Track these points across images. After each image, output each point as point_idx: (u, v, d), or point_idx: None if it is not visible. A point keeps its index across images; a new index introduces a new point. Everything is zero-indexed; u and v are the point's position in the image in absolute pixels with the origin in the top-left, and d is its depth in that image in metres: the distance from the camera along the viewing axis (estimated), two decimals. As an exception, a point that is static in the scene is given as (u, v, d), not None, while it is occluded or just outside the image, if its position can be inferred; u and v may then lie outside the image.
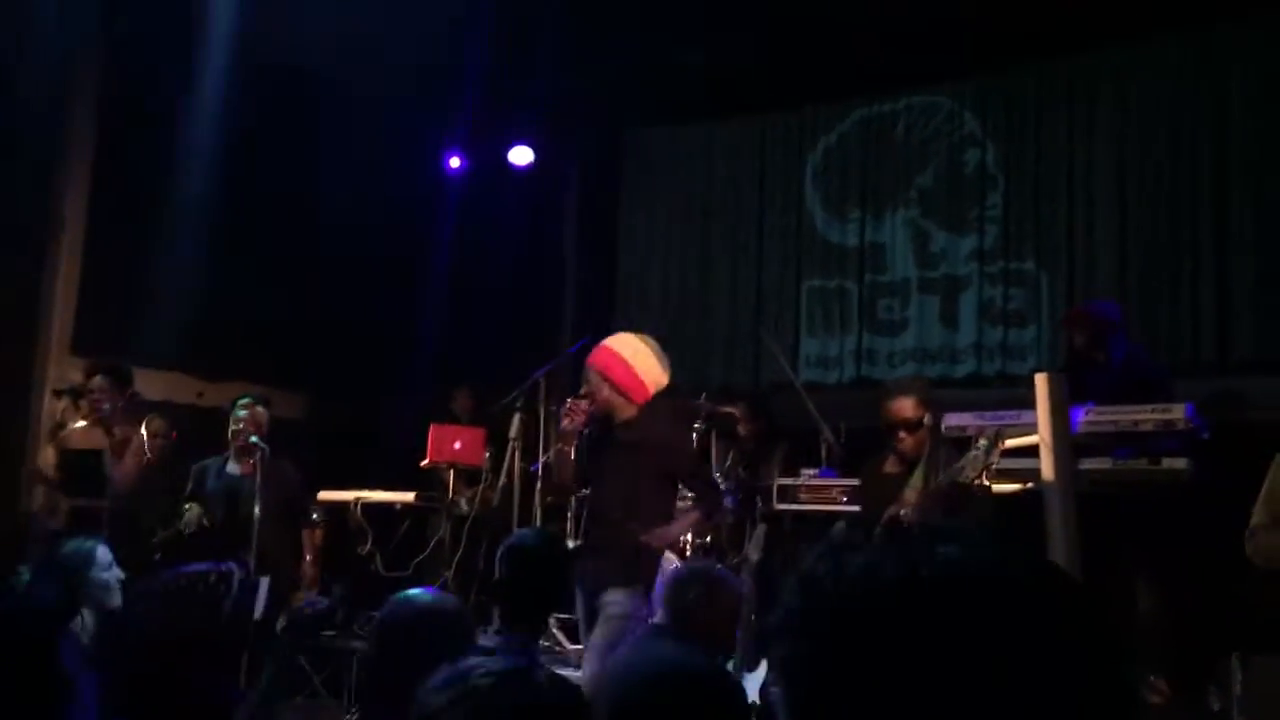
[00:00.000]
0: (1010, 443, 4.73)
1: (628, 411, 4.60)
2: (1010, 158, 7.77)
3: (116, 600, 3.76)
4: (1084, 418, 5.16)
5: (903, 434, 4.54)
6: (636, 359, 4.64)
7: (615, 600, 4.35)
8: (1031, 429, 4.95)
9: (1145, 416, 5.04)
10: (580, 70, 8.35)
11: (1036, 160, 7.65)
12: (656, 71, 8.30)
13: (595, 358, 4.67)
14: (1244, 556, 5.09)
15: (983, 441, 4.16)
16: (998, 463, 4.20)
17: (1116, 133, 7.37)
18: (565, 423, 4.58)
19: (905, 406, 4.55)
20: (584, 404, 4.58)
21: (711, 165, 9.04)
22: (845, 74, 8.12)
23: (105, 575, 3.77)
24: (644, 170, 9.40)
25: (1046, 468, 4.85)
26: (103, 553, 3.83)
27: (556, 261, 9.35)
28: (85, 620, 3.68)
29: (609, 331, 9.08)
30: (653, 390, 4.68)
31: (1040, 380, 5.00)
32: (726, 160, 8.98)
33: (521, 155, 8.86)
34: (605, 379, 4.60)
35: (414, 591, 2.89)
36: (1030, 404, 5.08)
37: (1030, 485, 5.03)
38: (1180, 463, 4.98)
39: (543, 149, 8.93)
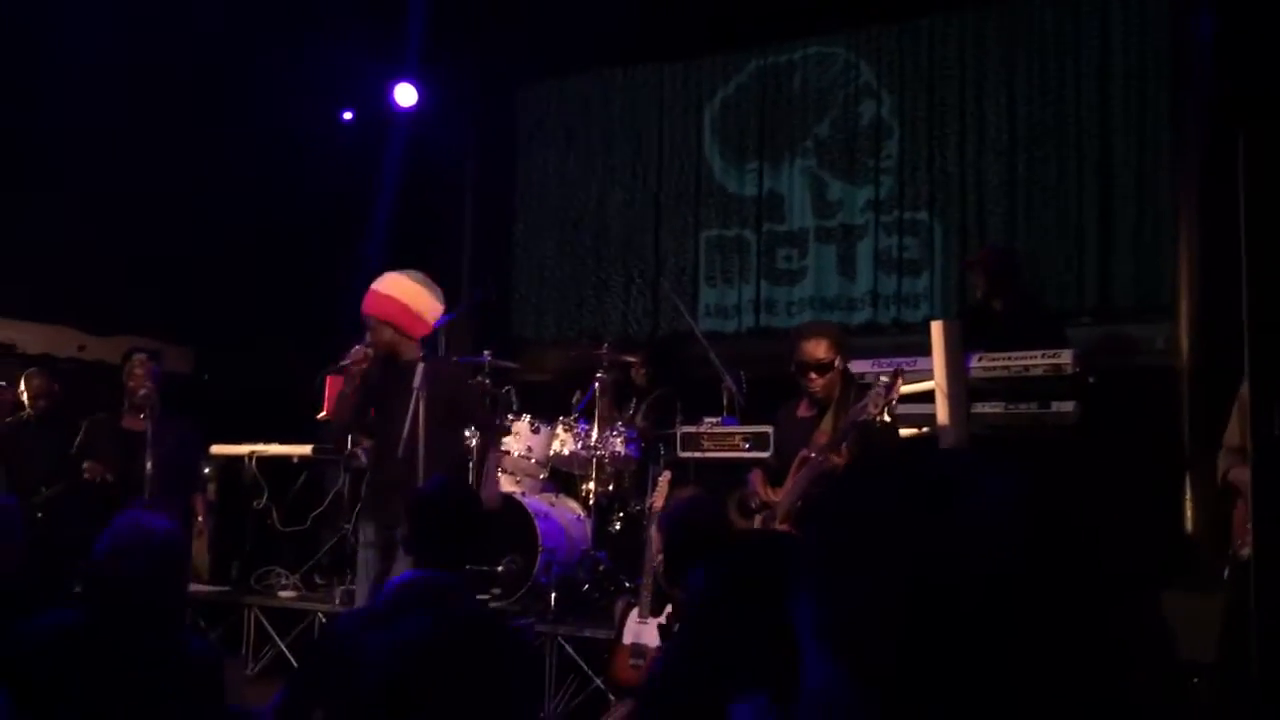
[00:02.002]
0: (907, 388, 4.85)
1: (410, 351, 4.73)
2: (905, 109, 7.87)
3: None
4: (976, 364, 5.30)
5: (813, 375, 4.58)
6: (408, 296, 4.78)
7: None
8: (927, 375, 5.09)
9: (1035, 362, 5.20)
10: (475, 19, 8.20)
11: (930, 111, 7.77)
12: (554, 20, 8.19)
13: (370, 305, 4.79)
14: (1126, 497, 5.32)
15: (883, 379, 4.24)
16: (898, 399, 4.29)
17: (1005, 85, 7.51)
18: (349, 364, 4.72)
19: (818, 348, 4.59)
20: (368, 350, 4.73)
21: (610, 115, 8.98)
22: (742, 24, 8.12)
23: None
24: (541, 120, 9.29)
25: (942, 412, 5.00)
26: None
27: (454, 213, 9.21)
28: None
29: (510, 284, 9.12)
30: (432, 321, 4.84)
31: (936, 327, 5.14)
32: (625, 110, 8.93)
33: (406, 95, 8.65)
34: (384, 323, 4.74)
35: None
36: (925, 350, 5.21)
37: (926, 430, 5.17)
38: (1068, 406, 5.15)
39: (439, 98, 8.75)
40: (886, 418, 4.24)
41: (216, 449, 7.08)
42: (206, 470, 6.83)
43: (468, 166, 9.31)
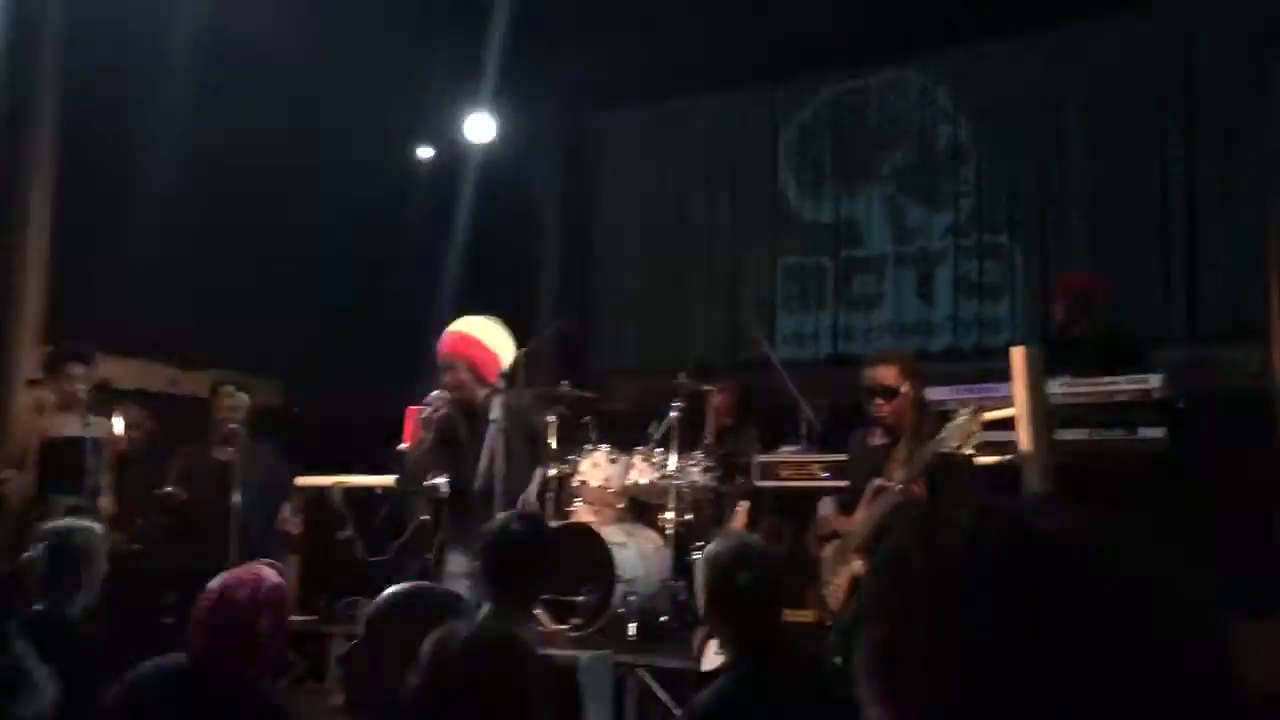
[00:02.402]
0: (988, 415, 4.77)
1: (484, 392, 4.75)
2: (983, 133, 7.79)
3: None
4: (1060, 390, 5.19)
5: (879, 401, 4.52)
6: (483, 336, 4.84)
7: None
8: (1009, 402, 5.00)
9: (1121, 387, 5.08)
10: (549, 53, 8.31)
11: (1008, 135, 7.68)
12: (627, 52, 8.27)
13: (447, 346, 4.85)
14: (1220, 523, 5.17)
15: (964, 412, 4.18)
16: (979, 432, 4.22)
17: (1085, 106, 7.41)
18: (429, 412, 4.75)
19: (885, 374, 4.54)
20: (447, 395, 4.77)
21: (686, 143, 9.02)
22: (817, 52, 8.12)
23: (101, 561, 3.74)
24: (616, 153, 9.37)
25: (1024, 439, 4.90)
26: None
27: (532, 246, 9.31)
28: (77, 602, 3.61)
29: (589, 314, 9.18)
30: (505, 363, 4.88)
31: (1017, 353, 5.03)
32: (701, 138, 8.97)
33: (481, 128, 8.76)
34: (461, 363, 4.79)
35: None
36: (1007, 376, 5.12)
37: (1009, 457, 5.07)
38: (1157, 432, 5.02)
39: (516, 130, 8.86)
40: (968, 451, 4.17)
41: (302, 481, 7.19)
42: (293, 502, 6.95)
43: (545, 197, 9.42)
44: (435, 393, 4.81)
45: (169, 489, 5.95)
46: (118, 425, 6.28)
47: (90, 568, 3.63)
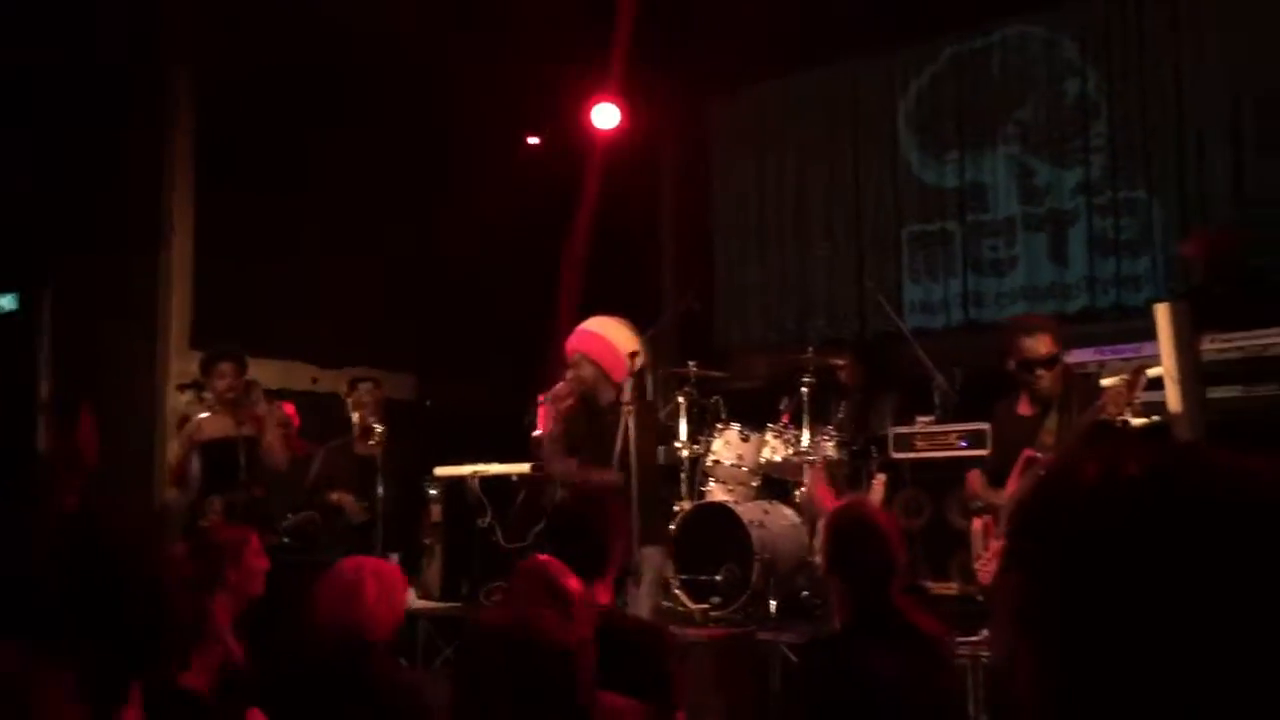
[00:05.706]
0: (1151, 372, 4.61)
1: (608, 395, 4.83)
2: (1113, 83, 7.50)
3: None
4: (1208, 345, 4.98)
5: (1040, 371, 4.43)
6: (613, 335, 4.96)
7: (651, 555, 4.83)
8: (1154, 360, 4.82)
9: (1274, 340, 4.85)
10: (666, 35, 8.29)
11: (1141, 83, 7.38)
12: (743, 30, 8.19)
13: (576, 342, 5.00)
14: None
15: (1124, 376, 4.04)
16: (1140, 397, 4.07)
17: (1225, 47, 7.06)
18: (553, 400, 4.94)
19: (1043, 344, 4.45)
20: (569, 385, 4.92)
21: (803, 118, 8.91)
22: (933, 12, 7.93)
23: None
24: (735, 128, 9.30)
25: (1173, 399, 4.72)
26: None
27: (652, 228, 9.32)
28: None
29: (712, 294, 9.15)
30: (627, 361, 4.92)
31: (1162, 310, 4.86)
32: (818, 112, 8.84)
33: (606, 116, 8.77)
34: (589, 360, 4.92)
35: None
36: (1148, 335, 4.94)
37: (1156, 419, 4.89)
38: (1315, 386, 4.77)
39: (632, 113, 8.86)
40: (1128, 418, 4.02)
41: (440, 471, 7.35)
42: (433, 492, 7.11)
43: (664, 179, 9.41)
44: (559, 385, 4.91)
45: (326, 498, 6.13)
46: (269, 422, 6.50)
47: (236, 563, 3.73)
